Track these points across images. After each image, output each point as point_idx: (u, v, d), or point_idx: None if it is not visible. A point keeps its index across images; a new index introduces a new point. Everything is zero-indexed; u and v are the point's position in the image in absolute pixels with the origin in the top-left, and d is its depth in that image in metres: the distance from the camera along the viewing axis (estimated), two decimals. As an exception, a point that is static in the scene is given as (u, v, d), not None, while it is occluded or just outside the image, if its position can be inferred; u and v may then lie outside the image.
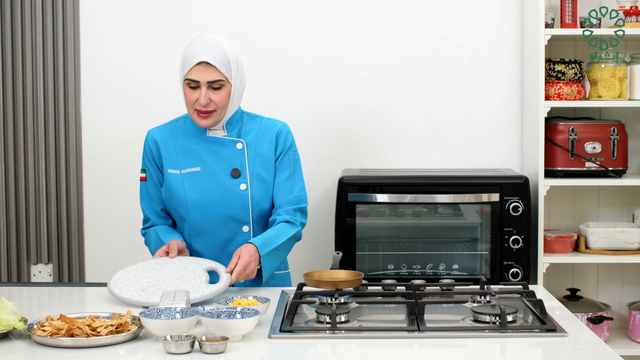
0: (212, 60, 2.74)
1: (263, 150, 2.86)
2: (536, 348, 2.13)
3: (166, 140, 2.88)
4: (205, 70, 2.74)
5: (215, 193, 2.80)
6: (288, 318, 2.30)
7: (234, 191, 2.80)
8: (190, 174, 2.83)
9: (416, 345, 2.15)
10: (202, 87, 2.75)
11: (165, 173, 2.86)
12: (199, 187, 2.81)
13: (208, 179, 2.82)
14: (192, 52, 2.76)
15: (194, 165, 2.83)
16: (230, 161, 2.83)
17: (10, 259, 4.10)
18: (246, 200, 2.81)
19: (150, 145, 2.90)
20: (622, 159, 3.78)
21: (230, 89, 2.78)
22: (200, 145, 2.85)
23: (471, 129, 4.05)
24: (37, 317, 2.33)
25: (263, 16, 4.03)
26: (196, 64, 2.74)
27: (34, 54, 4.03)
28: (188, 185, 2.81)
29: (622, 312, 4.04)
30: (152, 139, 2.90)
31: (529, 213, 3.61)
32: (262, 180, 2.84)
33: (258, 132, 2.89)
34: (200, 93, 2.75)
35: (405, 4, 4.04)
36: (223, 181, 2.81)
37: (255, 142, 2.87)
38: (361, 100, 4.06)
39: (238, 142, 2.85)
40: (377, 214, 3.73)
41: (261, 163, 2.85)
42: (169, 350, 2.05)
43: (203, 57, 2.73)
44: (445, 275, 3.66)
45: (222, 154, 2.84)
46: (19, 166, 4.06)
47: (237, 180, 2.82)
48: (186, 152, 2.85)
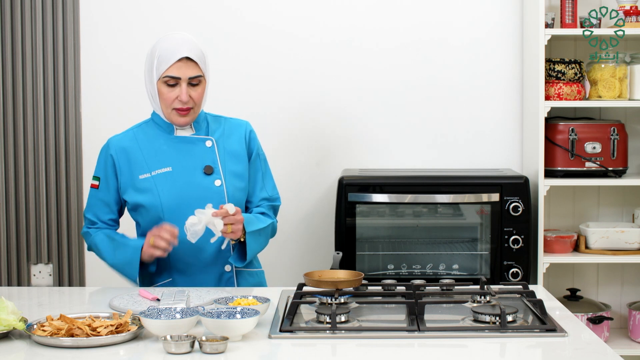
0: (193, 55, 2.73)
1: (232, 147, 2.87)
2: (536, 348, 2.13)
3: (132, 145, 2.84)
4: (186, 67, 2.73)
5: (190, 191, 2.78)
6: (288, 318, 2.30)
7: (210, 188, 2.80)
8: (162, 174, 2.79)
9: (416, 345, 2.15)
10: (182, 83, 2.74)
11: (137, 180, 2.80)
12: (173, 187, 2.78)
13: (181, 178, 2.79)
14: (169, 50, 2.73)
15: (164, 166, 2.81)
16: (201, 159, 2.82)
17: (10, 259, 4.10)
18: (222, 195, 2.80)
19: (115, 154, 2.83)
20: (622, 159, 3.78)
21: (205, 85, 2.80)
22: (169, 146, 2.83)
23: (471, 129, 4.06)
24: (37, 317, 2.33)
25: (264, 16, 4.03)
26: (177, 61, 2.72)
27: (34, 54, 4.03)
28: (161, 186, 2.78)
29: (622, 312, 4.04)
30: (118, 146, 2.84)
31: (529, 213, 3.61)
32: (235, 175, 2.84)
33: (224, 130, 2.90)
34: (180, 90, 2.74)
35: (405, 6, 4.04)
36: (197, 179, 2.80)
37: (223, 139, 2.88)
38: (361, 101, 4.06)
39: (207, 140, 2.85)
40: (377, 214, 3.73)
41: (232, 159, 2.86)
42: (169, 350, 2.05)
43: (184, 53, 2.72)
44: (445, 275, 3.66)
45: (192, 152, 2.83)
46: (19, 166, 4.06)
47: (211, 177, 2.81)
48: (155, 154, 2.82)
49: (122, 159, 2.83)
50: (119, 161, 2.83)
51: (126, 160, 2.83)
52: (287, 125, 4.06)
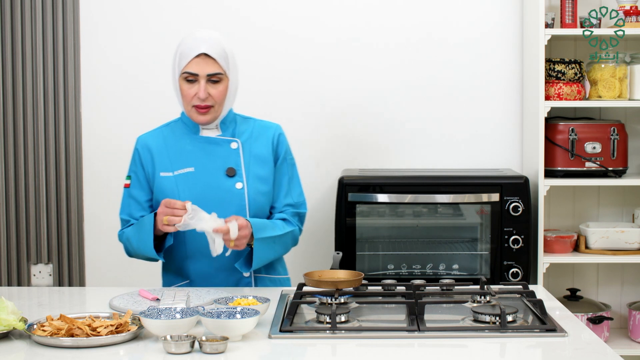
0: (212, 52, 2.71)
1: (259, 150, 2.83)
2: (536, 348, 2.13)
3: (158, 143, 2.83)
4: (205, 63, 2.71)
5: (210, 193, 2.75)
6: (288, 318, 2.30)
7: (230, 190, 2.77)
8: (184, 174, 2.78)
9: (416, 345, 2.15)
10: (201, 80, 2.72)
11: (158, 178, 2.80)
12: (193, 188, 2.76)
13: (202, 179, 2.77)
14: (189, 46, 2.73)
15: (187, 166, 2.79)
16: (225, 160, 2.79)
17: (10, 259, 4.10)
18: (243, 199, 2.77)
19: (141, 150, 2.84)
20: (622, 159, 3.78)
21: (227, 84, 2.76)
22: (194, 146, 2.81)
23: (471, 129, 4.06)
24: (37, 317, 2.33)
25: (264, 16, 4.03)
26: (195, 57, 2.71)
27: (34, 54, 4.03)
28: (182, 186, 2.76)
29: (622, 312, 4.04)
30: (143, 144, 2.85)
31: (529, 213, 3.61)
32: (259, 179, 2.80)
33: (252, 133, 2.86)
34: (199, 87, 2.72)
35: (404, 5, 4.04)
36: (218, 181, 2.77)
37: (250, 142, 2.84)
38: (361, 101, 4.06)
39: (233, 142, 2.82)
40: (377, 214, 3.73)
41: (257, 162, 2.82)
42: (169, 350, 2.05)
43: (202, 49, 2.71)
44: (445, 275, 3.66)
45: (216, 153, 2.80)
46: (19, 166, 4.06)
47: (233, 180, 2.78)
48: (179, 154, 2.80)
49: (147, 156, 2.82)
50: (144, 158, 2.83)
51: (150, 157, 2.82)
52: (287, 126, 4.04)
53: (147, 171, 2.83)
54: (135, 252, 2.80)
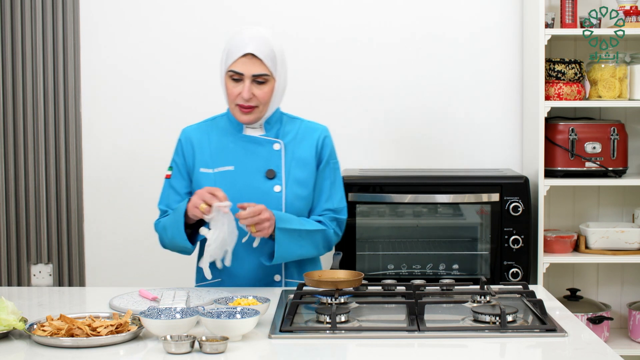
0: (259, 52, 2.66)
1: (302, 153, 2.78)
2: (536, 348, 2.13)
3: (201, 138, 2.79)
4: (251, 63, 2.66)
5: (247, 193, 2.70)
6: (288, 318, 2.30)
7: (268, 193, 2.72)
8: (223, 172, 2.74)
9: (416, 345, 2.15)
10: (245, 80, 2.67)
11: (197, 173, 2.77)
12: (232, 187, 2.70)
13: (241, 179, 2.72)
14: (237, 44, 2.67)
15: (227, 164, 2.75)
16: (266, 161, 2.74)
17: (10, 259, 4.10)
18: (279, 202, 2.72)
19: (184, 142, 2.81)
20: (622, 159, 3.78)
21: (274, 85, 2.72)
22: (236, 144, 2.77)
23: (471, 129, 4.06)
24: (37, 317, 2.33)
25: (263, 17, 4.03)
26: (241, 56, 2.66)
27: (34, 54, 4.03)
28: (220, 184, 2.71)
29: (622, 312, 4.04)
30: (186, 136, 2.82)
31: (529, 213, 3.61)
32: (298, 183, 2.75)
33: (297, 134, 2.80)
34: (243, 86, 2.67)
35: (404, 5, 4.04)
36: (257, 182, 2.73)
37: (294, 144, 2.78)
38: (360, 100, 4.06)
39: (275, 143, 2.77)
40: (377, 214, 3.73)
41: (299, 166, 2.76)
42: (169, 350, 2.05)
43: (249, 49, 2.66)
44: (445, 275, 3.66)
45: (258, 153, 2.75)
46: (19, 166, 4.07)
47: (272, 182, 2.73)
48: (220, 151, 2.76)
49: (189, 148, 2.79)
50: (186, 150, 2.80)
51: (191, 150, 2.79)
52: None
53: (188, 163, 2.80)
54: (170, 240, 2.74)
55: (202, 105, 4.02)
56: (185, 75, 4.07)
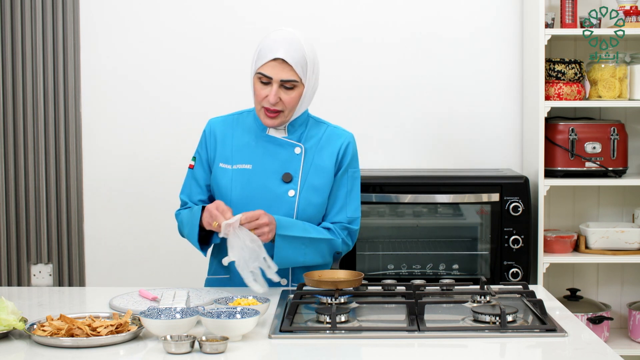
0: (289, 58, 2.60)
1: (322, 160, 2.73)
2: (536, 348, 2.13)
3: (225, 132, 2.76)
4: (280, 68, 2.61)
5: (261, 194, 2.68)
6: (288, 318, 2.30)
7: (281, 196, 2.69)
8: (241, 170, 2.70)
9: (416, 345, 2.15)
10: (273, 84, 2.62)
11: (216, 167, 2.74)
12: (247, 186, 2.68)
13: (257, 179, 2.69)
14: (268, 46, 2.63)
15: (246, 162, 2.71)
16: (284, 164, 2.71)
17: (10, 259, 4.10)
18: (292, 207, 2.69)
19: (208, 134, 2.78)
20: (622, 159, 3.78)
21: (302, 91, 2.66)
22: (258, 143, 2.73)
23: (471, 129, 4.06)
24: (37, 317, 2.33)
25: (262, 17, 4.03)
26: (271, 60, 2.61)
27: (34, 54, 4.03)
28: (236, 182, 2.69)
29: (622, 312, 4.04)
30: (211, 128, 2.79)
31: (529, 213, 3.61)
32: (314, 190, 2.71)
33: (320, 140, 2.76)
34: (271, 90, 2.62)
35: (404, 5, 4.04)
36: (272, 184, 2.69)
37: (315, 149, 2.74)
38: (360, 100, 4.06)
39: (297, 147, 2.72)
40: (377, 214, 3.73)
41: (317, 172, 2.72)
42: (169, 350, 2.05)
43: (280, 54, 2.60)
44: (445, 275, 3.66)
45: (277, 155, 2.71)
46: (19, 166, 4.07)
47: (287, 186, 2.69)
48: (242, 148, 2.73)
49: (212, 140, 2.76)
50: (209, 142, 2.77)
51: (214, 142, 2.76)
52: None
53: (209, 156, 2.77)
54: (186, 237, 2.75)
55: (202, 105, 4.02)
56: (185, 76, 4.07)
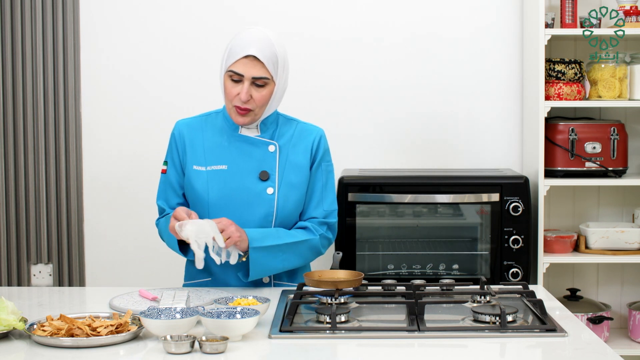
0: (261, 55, 2.62)
1: (296, 156, 2.76)
2: (536, 348, 2.14)
3: (194, 134, 2.77)
4: (252, 65, 2.63)
5: (239, 194, 2.69)
6: (288, 318, 2.30)
7: (260, 195, 2.70)
8: (216, 171, 2.72)
9: (416, 345, 2.15)
10: (245, 82, 2.63)
11: (189, 169, 2.74)
12: (223, 187, 2.70)
13: (234, 179, 2.70)
14: (239, 44, 2.64)
15: (220, 163, 2.72)
16: (260, 163, 2.72)
17: (10, 259, 4.10)
18: (271, 205, 2.70)
19: (177, 136, 2.79)
20: (622, 159, 3.78)
21: (273, 88, 2.68)
22: (231, 144, 2.74)
23: (471, 129, 4.06)
24: (37, 317, 2.33)
25: (262, 16, 4.03)
26: (243, 57, 2.62)
27: (34, 54, 4.03)
28: (212, 183, 2.70)
29: (622, 312, 4.04)
30: (179, 130, 2.79)
31: (529, 213, 3.61)
32: (291, 187, 2.73)
33: (292, 137, 2.78)
34: (242, 88, 2.63)
35: (404, 5, 4.04)
36: (249, 183, 2.70)
37: (289, 146, 2.76)
38: (360, 100, 4.06)
39: (270, 145, 2.74)
40: (377, 214, 3.73)
41: (292, 169, 2.74)
42: (169, 350, 2.05)
43: (251, 51, 2.62)
44: (445, 275, 3.66)
45: (252, 154, 2.73)
46: (19, 166, 4.07)
47: (265, 184, 2.71)
48: (214, 149, 2.74)
49: (182, 143, 2.77)
50: (179, 144, 2.77)
51: (184, 145, 2.77)
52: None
53: (181, 158, 2.78)
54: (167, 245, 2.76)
55: (202, 105, 4.02)
56: (185, 76, 4.07)
